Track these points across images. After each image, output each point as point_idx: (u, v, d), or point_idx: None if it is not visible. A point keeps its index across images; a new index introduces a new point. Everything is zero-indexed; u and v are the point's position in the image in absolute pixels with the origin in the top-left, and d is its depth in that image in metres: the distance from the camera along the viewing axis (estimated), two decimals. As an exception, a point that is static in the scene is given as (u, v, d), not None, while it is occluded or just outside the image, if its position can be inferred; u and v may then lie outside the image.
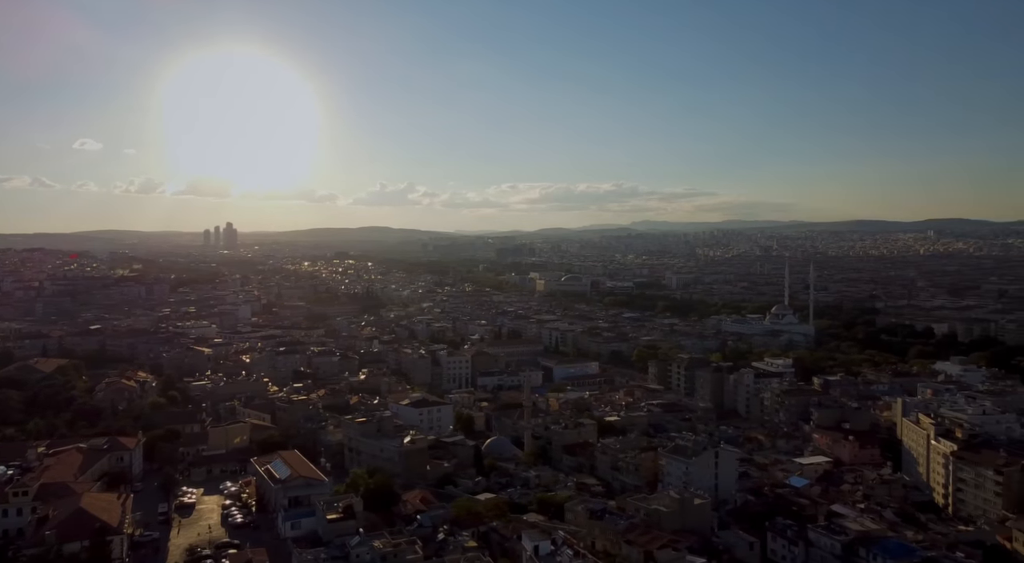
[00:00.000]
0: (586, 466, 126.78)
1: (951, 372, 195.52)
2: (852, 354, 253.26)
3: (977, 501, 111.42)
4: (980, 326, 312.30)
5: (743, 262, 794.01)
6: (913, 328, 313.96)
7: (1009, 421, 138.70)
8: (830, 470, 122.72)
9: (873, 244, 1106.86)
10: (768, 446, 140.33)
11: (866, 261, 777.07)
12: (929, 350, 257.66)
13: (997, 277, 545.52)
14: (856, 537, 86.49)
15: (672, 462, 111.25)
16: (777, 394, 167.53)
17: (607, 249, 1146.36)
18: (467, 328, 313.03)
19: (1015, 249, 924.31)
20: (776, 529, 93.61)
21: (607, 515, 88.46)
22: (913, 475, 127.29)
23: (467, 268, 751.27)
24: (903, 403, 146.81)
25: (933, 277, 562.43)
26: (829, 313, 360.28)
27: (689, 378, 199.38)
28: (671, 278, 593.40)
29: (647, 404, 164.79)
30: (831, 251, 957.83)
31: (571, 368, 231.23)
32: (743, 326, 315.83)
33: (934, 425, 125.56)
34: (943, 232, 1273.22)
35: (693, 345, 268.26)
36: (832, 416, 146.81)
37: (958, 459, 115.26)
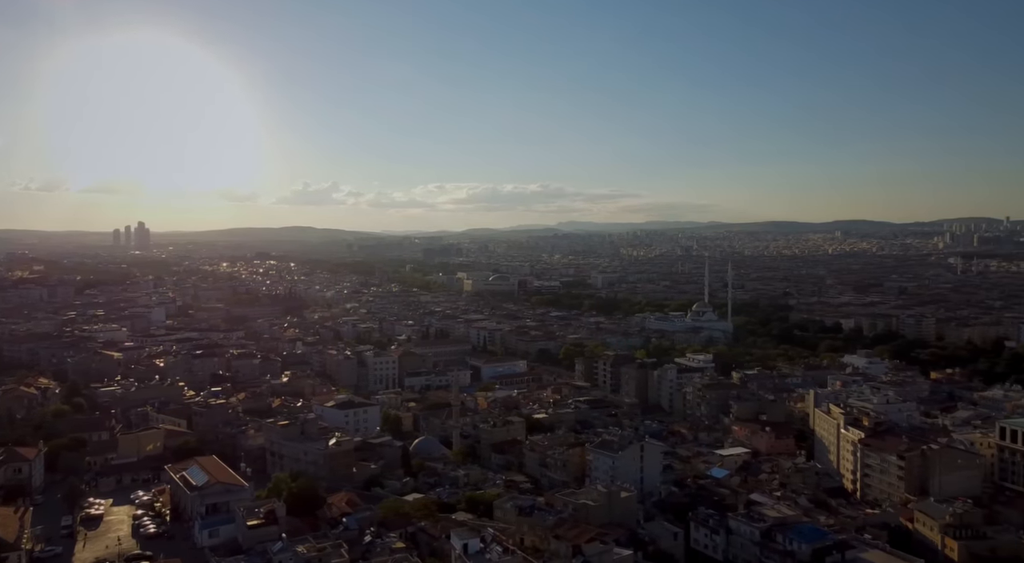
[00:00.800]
0: (515, 464, 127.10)
1: (858, 364, 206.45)
2: (768, 349, 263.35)
3: (882, 485, 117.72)
4: (883, 321, 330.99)
5: (665, 262, 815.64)
6: (823, 324, 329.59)
7: (910, 409, 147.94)
8: (749, 460, 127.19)
9: (786, 244, 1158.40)
10: (690, 439, 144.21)
11: (780, 260, 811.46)
12: (838, 344, 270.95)
13: (898, 275, 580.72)
14: (773, 523, 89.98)
15: (599, 457, 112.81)
16: (698, 389, 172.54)
17: (534, 249, 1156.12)
18: (394, 328, 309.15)
19: (913, 249, 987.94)
20: (699, 519, 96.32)
21: (536, 511, 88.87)
22: (825, 462, 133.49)
23: (394, 268, 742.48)
24: (815, 395, 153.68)
25: (841, 275, 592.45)
26: (746, 310, 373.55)
27: (615, 375, 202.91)
28: (597, 277, 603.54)
29: (574, 401, 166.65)
30: (747, 251, 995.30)
31: (499, 367, 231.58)
32: (666, 323, 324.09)
33: (843, 415, 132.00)
34: (849, 233, 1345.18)
35: (618, 342, 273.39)
36: (750, 409, 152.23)
37: (865, 446, 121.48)
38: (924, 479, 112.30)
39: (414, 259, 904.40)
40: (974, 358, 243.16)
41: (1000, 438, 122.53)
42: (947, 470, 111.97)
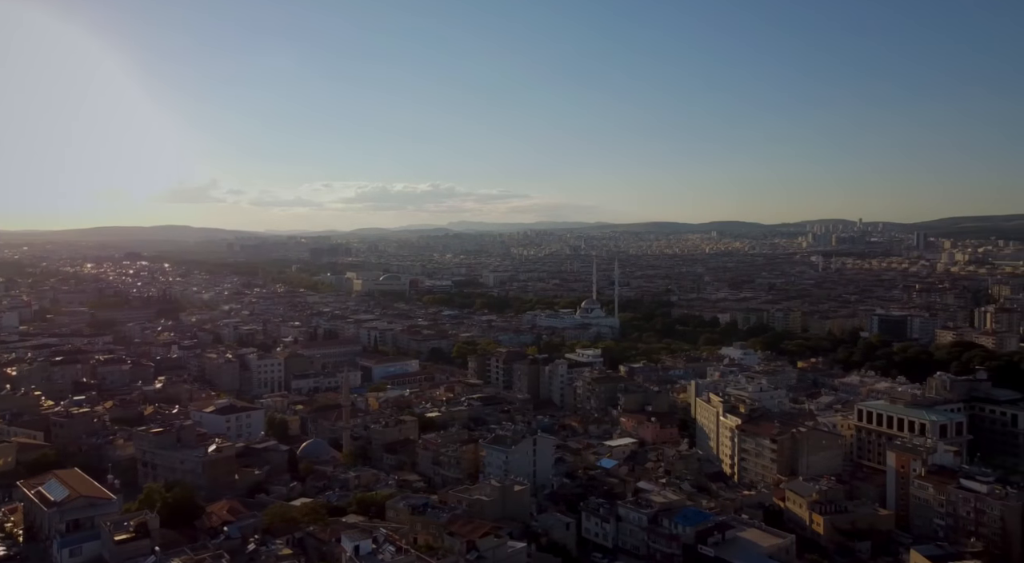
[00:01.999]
0: (408, 463, 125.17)
1: (734, 356, 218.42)
2: (652, 343, 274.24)
3: (757, 468, 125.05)
4: (755, 315, 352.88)
5: (555, 261, 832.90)
6: (702, 318, 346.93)
7: (780, 396, 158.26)
8: (636, 450, 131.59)
9: (667, 244, 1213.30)
10: (581, 432, 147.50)
11: (662, 259, 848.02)
12: (716, 337, 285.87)
13: (767, 272, 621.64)
14: (659, 509, 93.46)
15: (492, 452, 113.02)
16: (588, 383, 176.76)
17: (425, 249, 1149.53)
18: (279, 330, 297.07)
19: (780, 248, 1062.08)
20: (590, 509, 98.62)
21: (429, 509, 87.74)
22: (706, 449, 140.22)
23: (278, 269, 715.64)
24: (696, 385, 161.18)
25: (717, 273, 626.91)
26: (632, 306, 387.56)
27: (507, 371, 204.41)
28: (488, 276, 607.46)
29: (467, 398, 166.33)
30: (632, 250, 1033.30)
31: (391, 367, 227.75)
32: (556, 320, 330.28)
33: (722, 403, 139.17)
34: (724, 233, 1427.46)
35: (510, 340, 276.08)
36: (637, 400, 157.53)
37: (742, 432, 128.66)
38: (794, 460, 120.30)
39: (300, 259, 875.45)
40: (834, 348, 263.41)
41: (858, 420, 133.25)
42: (813, 451, 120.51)
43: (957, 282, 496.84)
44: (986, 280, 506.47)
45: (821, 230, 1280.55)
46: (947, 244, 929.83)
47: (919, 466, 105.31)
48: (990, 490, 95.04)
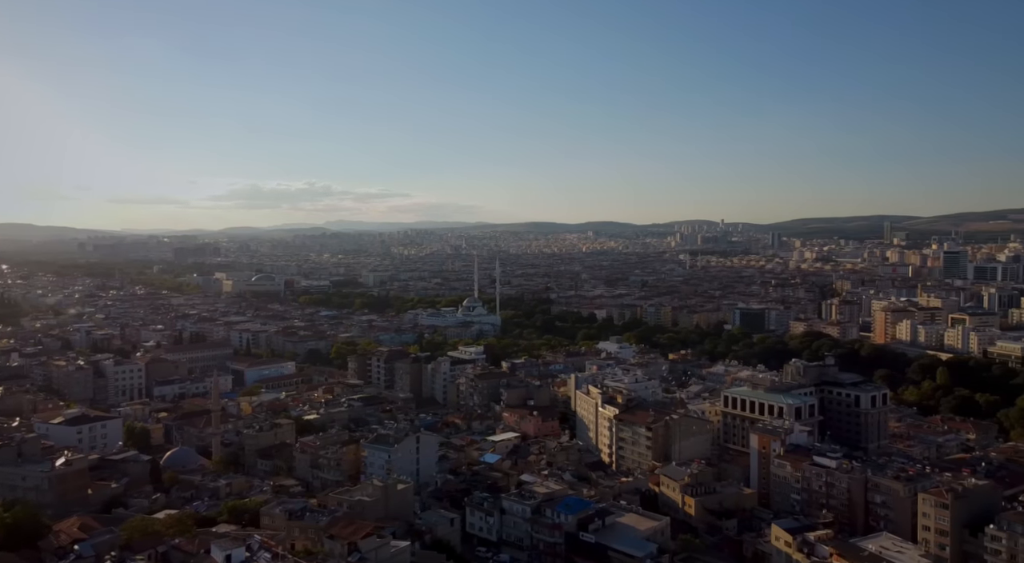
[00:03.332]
0: (284, 468, 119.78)
1: (610, 350, 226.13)
2: (533, 339, 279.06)
3: (634, 456, 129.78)
4: (630, 311, 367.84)
5: (436, 260, 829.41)
6: (580, 314, 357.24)
7: (654, 386, 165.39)
8: (519, 444, 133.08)
9: (546, 243, 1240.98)
10: (464, 428, 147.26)
11: (541, 258, 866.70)
12: (593, 332, 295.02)
13: (640, 270, 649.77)
14: (542, 500, 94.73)
15: (374, 452, 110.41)
16: (471, 379, 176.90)
17: (301, 248, 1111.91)
18: (140, 334, 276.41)
19: (651, 247, 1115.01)
20: (474, 503, 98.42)
21: (308, 513, 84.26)
22: (586, 440, 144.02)
23: (138, 270, 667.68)
24: (575, 378, 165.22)
25: (593, 271, 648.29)
26: (513, 304, 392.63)
27: (389, 370, 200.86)
28: (368, 276, 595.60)
29: (347, 399, 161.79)
30: (512, 249, 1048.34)
31: (265, 369, 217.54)
32: (438, 319, 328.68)
33: (600, 394, 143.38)
34: (600, 233, 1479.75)
35: (391, 339, 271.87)
36: (519, 395, 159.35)
37: (619, 421, 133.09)
38: (667, 446, 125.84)
39: (163, 259, 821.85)
40: (701, 340, 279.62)
41: (724, 406, 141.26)
42: (685, 437, 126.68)
43: (807, 278, 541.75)
44: (831, 276, 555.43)
45: (688, 230, 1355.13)
46: (798, 243, 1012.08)
47: (778, 446, 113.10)
48: (838, 465, 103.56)
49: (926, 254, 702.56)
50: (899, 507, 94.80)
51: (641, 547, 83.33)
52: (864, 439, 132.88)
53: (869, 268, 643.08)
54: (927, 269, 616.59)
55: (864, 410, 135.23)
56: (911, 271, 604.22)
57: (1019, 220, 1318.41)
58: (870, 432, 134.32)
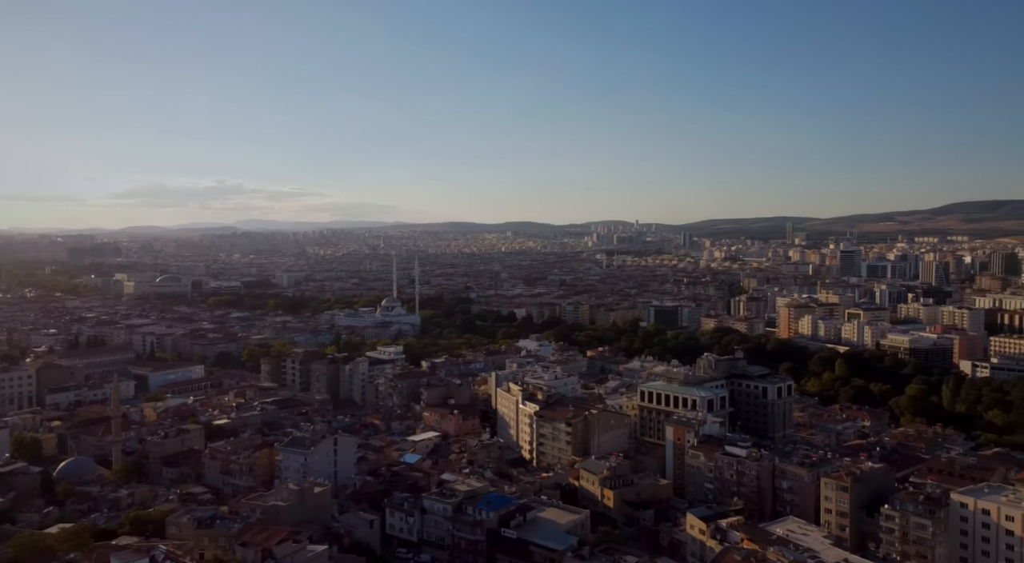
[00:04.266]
0: (192, 475, 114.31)
1: (530, 348, 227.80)
2: (453, 339, 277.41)
3: (554, 451, 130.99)
4: (549, 309, 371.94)
5: (353, 260, 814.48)
6: (500, 313, 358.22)
7: (573, 383, 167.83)
8: (439, 443, 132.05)
9: (465, 243, 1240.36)
10: (384, 429, 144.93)
11: (460, 257, 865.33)
12: (513, 331, 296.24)
13: (558, 269, 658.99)
14: (463, 497, 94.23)
15: (290, 455, 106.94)
16: (390, 379, 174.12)
17: (210, 249, 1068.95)
18: (30, 339, 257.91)
19: (569, 247, 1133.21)
20: (393, 504, 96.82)
21: (218, 521, 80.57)
22: (506, 437, 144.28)
23: (27, 271, 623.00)
24: (496, 376, 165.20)
25: (512, 270, 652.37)
26: (432, 304, 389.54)
27: (304, 372, 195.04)
28: (282, 277, 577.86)
29: (260, 403, 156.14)
30: (431, 249, 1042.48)
31: (171, 374, 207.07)
32: (356, 319, 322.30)
33: (521, 392, 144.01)
34: (519, 233, 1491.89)
35: (307, 340, 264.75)
36: (439, 394, 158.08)
37: (539, 418, 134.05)
38: (586, 441, 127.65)
39: (57, 260, 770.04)
40: (618, 337, 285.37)
41: (641, 400, 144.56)
42: (603, 431, 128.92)
43: (716, 276, 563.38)
44: (738, 274, 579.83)
45: (604, 231, 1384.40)
46: (707, 243, 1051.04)
47: (692, 437, 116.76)
48: (748, 454, 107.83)
49: (824, 253, 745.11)
50: (804, 492, 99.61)
51: (562, 540, 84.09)
52: (771, 428, 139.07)
53: (773, 267, 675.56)
54: (825, 267, 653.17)
55: (771, 401, 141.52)
56: (811, 269, 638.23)
57: (906, 222, 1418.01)
58: (776, 422, 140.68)
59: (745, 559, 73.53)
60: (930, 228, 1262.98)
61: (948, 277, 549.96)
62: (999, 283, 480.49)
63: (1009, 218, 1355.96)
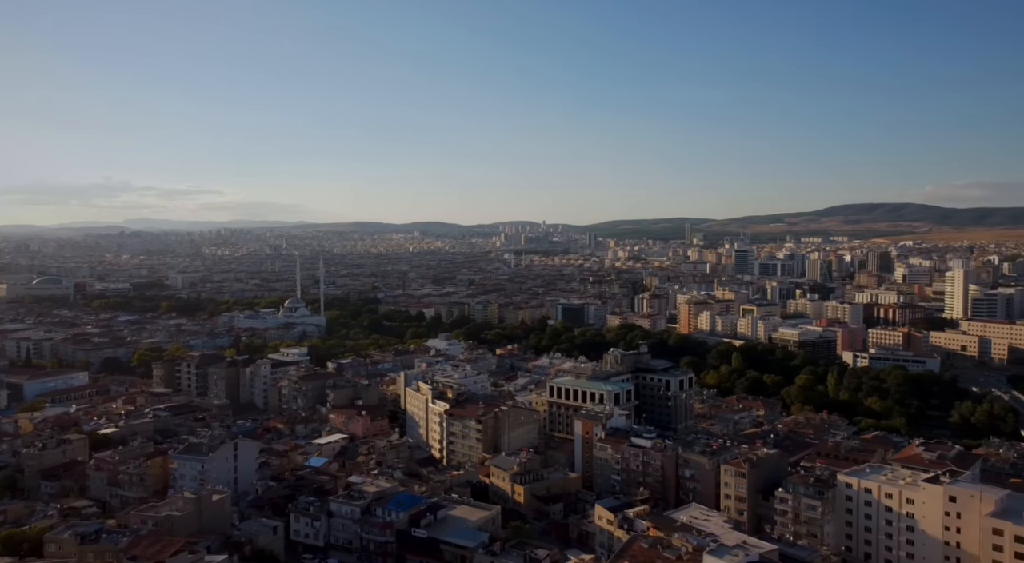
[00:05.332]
0: (75, 488, 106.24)
1: (440, 347, 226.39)
2: (360, 339, 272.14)
3: (464, 449, 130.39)
4: (458, 308, 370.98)
5: (254, 260, 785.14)
6: (409, 313, 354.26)
7: (483, 381, 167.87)
8: (346, 445, 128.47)
9: (372, 243, 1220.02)
10: (288, 433, 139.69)
11: (367, 258, 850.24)
12: (422, 331, 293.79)
13: (467, 269, 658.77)
14: (372, 499, 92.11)
15: (185, 463, 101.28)
16: (294, 381, 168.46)
17: (95, 249, 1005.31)
18: None
19: (477, 247, 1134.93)
20: (298, 509, 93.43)
21: (105, 535, 75.12)
22: (416, 437, 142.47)
23: None
24: (405, 376, 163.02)
25: (421, 270, 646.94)
26: (338, 304, 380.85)
27: (201, 376, 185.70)
28: (176, 278, 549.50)
29: (152, 409, 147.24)
30: (337, 249, 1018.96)
31: (50, 382, 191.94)
32: (257, 321, 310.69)
33: (431, 390, 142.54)
34: (426, 233, 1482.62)
35: (204, 343, 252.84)
36: (346, 395, 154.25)
37: (449, 416, 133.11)
38: (497, 438, 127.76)
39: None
40: (527, 335, 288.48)
41: (550, 396, 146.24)
42: (513, 427, 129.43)
43: (620, 275, 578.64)
44: (641, 273, 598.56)
45: (512, 231, 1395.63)
46: (612, 243, 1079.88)
47: (600, 431, 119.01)
48: (653, 445, 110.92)
49: (720, 253, 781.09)
50: (705, 479, 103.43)
51: (473, 537, 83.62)
52: (674, 420, 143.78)
53: (674, 266, 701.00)
54: (721, 266, 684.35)
55: (673, 394, 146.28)
56: (709, 268, 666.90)
57: (793, 223, 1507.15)
58: (679, 413, 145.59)
59: (651, 547, 75.33)
60: (814, 229, 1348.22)
61: (831, 274, 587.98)
62: (875, 280, 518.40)
63: (882, 220, 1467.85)
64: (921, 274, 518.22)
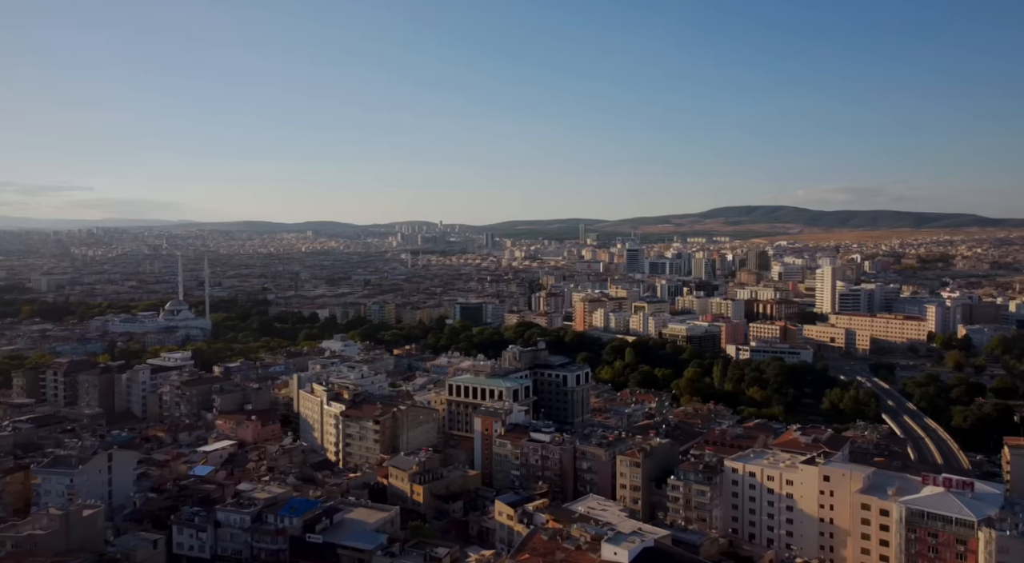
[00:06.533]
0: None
1: (335, 348, 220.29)
2: (250, 342, 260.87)
3: (362, 450, 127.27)
4: (353, 309, 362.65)
5: (130, 261, 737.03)
6: (301, 315, 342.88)
7: (380, 381, 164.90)
8: (235, 452, 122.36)
9: (262, 243, 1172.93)
10: (170, 442, 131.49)
11: (256, 258, 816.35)
12: (316, 332, 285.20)
13: (363, 269, 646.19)
14: (263, 505, 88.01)
15: (51, 478, 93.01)
16: (176, 387, 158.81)
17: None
18: None
19: (373, 247, 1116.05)
20: (182, 520, 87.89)
21: (-46, 562, 67.63)
22: (310, 440, 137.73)
23: None
24: (298, 378, 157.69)
25: (314, 271, 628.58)
26: (225, 306, 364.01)
27: (70, 385, 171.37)
28: (40, 280, 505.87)
29: (12, 422, 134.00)
30: (223, 250, 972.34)
31: None
32: (135, 325, 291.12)
33: (326, 392, 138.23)
34: (320, 233, 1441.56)
35: (73, 349, 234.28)
36: (234, 400, 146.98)
37: (346, 417, 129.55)
38: (395, 438, 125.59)
39: None
40: (425, 334, 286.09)
41: (449, 394, 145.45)
42: (412, 427, 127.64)
43: (518, 274, 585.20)
44: (538, 272, 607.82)
45: (409, 231, 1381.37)
46: (509, 243, 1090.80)
47: (500, 427, 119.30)
48: (551, 439, 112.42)
49: (613, 252, 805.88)
50: (602, 470, 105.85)
51: (370, 540, 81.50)
52: (571, 414, 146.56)
53: (569, 265, 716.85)
54: (614, 265, 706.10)
55: (571, 388, 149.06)
56: (602, 267, 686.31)
57: (680, 224, 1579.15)
58: (576, 407, 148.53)
59: (550, 539, 76.09)
60: (699, 230, 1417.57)
61: (715, 272, 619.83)
62: (754, 277, 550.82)
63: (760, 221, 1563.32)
64: (795, 272, 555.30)
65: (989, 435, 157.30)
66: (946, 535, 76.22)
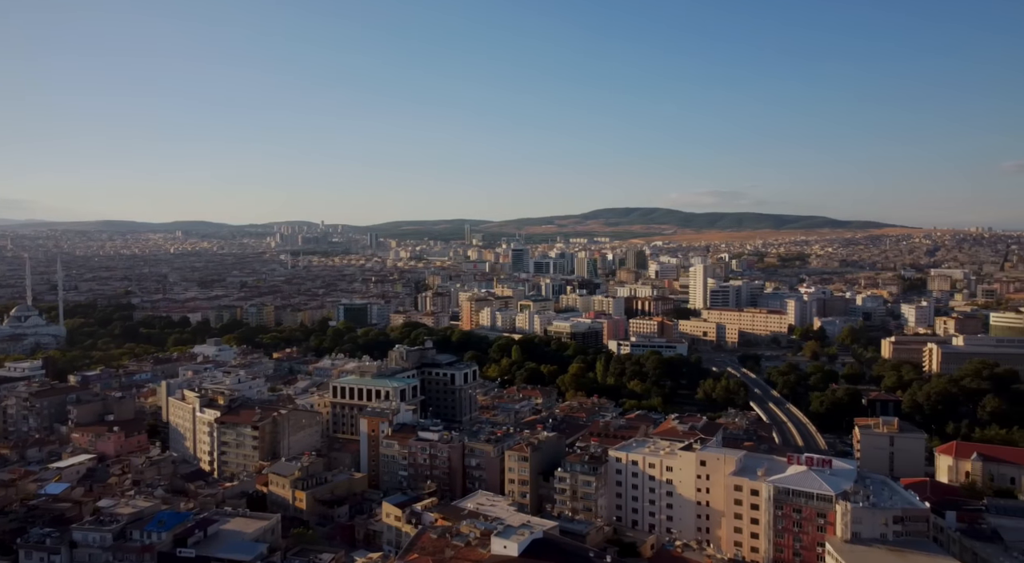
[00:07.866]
0: None
1: (208, 353, 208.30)
2: (111, 349, 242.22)
3: (239, 458, 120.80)
4: (229, 312, 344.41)
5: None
6: (170, 319, 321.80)
7: (259, 385, 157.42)
8: (94, 467, 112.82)
9: (124, 244, 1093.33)
10: (16, 459, 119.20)
11: (118, 259, 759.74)
12: (186, 337, 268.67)
13: (238, 271, 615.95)
14: (127, 521, 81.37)
15: None
16: (24, 398, 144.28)
17: None
18: None
19: (250, 247, 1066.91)
20: (29, 543, 79.55)
21: None
22: (182, 450, 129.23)
23: None
24: (167, 385, 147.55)
25: (185, 273, 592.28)
26: (83, 311, 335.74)
27: None
28: None
29: None
30: (79, 251, 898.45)
31: None
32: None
33: (199, 398, 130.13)
34: (190, 233, 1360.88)
35: None
36: (93, 410, 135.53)
37: (221, 424, 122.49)
38: (275, 444, 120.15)
39: None
40: (307, 337, 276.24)
41: (333, 396, 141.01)
42: (294, 431, 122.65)
43: (403, 274, 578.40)
44: (424, 272, 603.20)
45: (288, 231, 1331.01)
46: (394, 243, 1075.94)
47: (387, 427, 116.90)
48: (440, 437, 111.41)
49: (498, 252, 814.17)
50: (490, 466, 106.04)
51: (249, 550, 77.24)
52: (459, 412, 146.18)
53: (455, 265, 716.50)
54: (500, 265, 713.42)
55: (458, 387, 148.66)
56: (488, 267, 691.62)
57: (563, 225, 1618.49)
58: (464, 405, 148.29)
59: (440, 536, 75.18)
60: (581, 230, 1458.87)
61: (597, 271, 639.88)
62: (633, 276, 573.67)
63: (637, 222, 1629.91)
64: (670, 270, 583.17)
65: (842, 417, 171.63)
66: (809, 509, 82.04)
